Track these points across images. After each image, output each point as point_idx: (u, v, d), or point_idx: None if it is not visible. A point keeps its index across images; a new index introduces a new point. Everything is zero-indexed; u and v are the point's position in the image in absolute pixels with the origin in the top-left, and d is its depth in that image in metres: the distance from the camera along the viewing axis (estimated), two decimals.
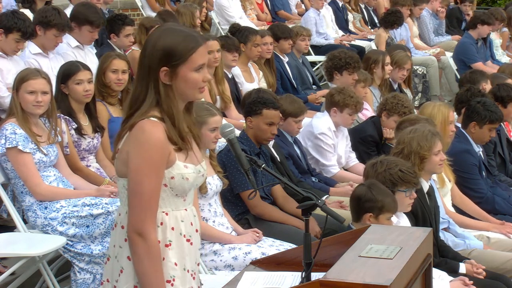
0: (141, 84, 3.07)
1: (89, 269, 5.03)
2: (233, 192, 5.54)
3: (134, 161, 3.00)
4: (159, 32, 3.11)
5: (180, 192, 3.11)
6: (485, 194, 6.42)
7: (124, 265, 3.08)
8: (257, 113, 5.77)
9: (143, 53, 3.09)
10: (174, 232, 3.11)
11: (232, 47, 8.00)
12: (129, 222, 3.03)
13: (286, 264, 3.52)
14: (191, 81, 3.06)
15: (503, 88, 7.53)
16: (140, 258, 3.01)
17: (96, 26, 7.23)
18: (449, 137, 6.30)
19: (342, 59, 8.17)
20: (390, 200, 4.67)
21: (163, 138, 3.01)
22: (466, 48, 11.19)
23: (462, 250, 5.59)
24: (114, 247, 3.14)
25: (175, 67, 3.03)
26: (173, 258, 3.10)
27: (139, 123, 3.01)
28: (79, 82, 5.58)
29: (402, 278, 3.00)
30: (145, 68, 3.06)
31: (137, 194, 3.00)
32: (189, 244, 3.16)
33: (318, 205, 3.19)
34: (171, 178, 3.06)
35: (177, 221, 3.12)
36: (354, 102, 6.87)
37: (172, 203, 3.11)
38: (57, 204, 5.10)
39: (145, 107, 3.04)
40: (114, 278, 3.13)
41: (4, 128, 5.12)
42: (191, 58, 3.05)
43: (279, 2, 13.03)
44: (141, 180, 2.99)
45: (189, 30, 3.17)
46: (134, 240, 3.01)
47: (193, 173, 3.11)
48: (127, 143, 3.05)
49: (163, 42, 3.04)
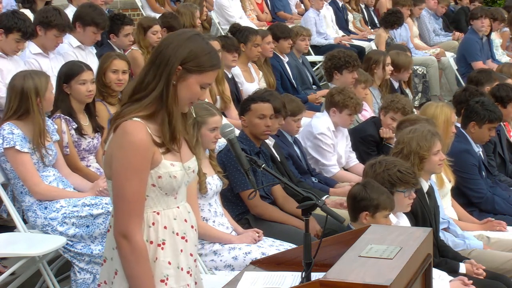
0: (153, 73, 3.05)
1: (89, 269, 5.03)
2: (233, 192, 5.54)
3: (116, 164, 3.01)
4: (190, 34, 3.10)
5: (170, 191, 3.11)
6: (485, 194, 6.42)
7: (118, 267, 3.08)
8: (247, 109, 5.80)
9: (164, 45, 3.07)
10: (166, 231, 3.11)
11: (232, 47, 8.00)
12: (114, 225, 3.04)
13: (286, 264, 3.51)
14: (192, 92, 3.07)
15: (502, 88, 7.53)
16: (126, 260, 3.01)
17: (101, 28, 7.26)
18: (450, 138, 6.29)
19: (341, 58, 8.18)
20: (385, 197, 4.67)
21: (145, 139, 3.00)
22: (470, 45, 11.18)
23: (462, 250, 5.59)
24: (109, 249, 3.15)
25: (188, 71, 3.04)
26: (166, 257, 3.10)
27: (122, 125, 3.00)
28: (83, 82, 5.58)
29: (402, 278, 3.00)
30: (162, 60, 3.04)
31: (120, 197, 3.01)
32: (184, 241, 3.16)
33: (318, 205, 3.19)
34: (158, 178, 3.05)
35: (169, 219, 3.12)
36: (354, 103, 6.87)
37: (163, 202, 3.11)
38: (57, 204, 5.10)
39: (150, 98, 3.03)
40: (110, 280, 3.13)
41: (2, 128, 5.12)
42: (206, 73, 3.07)
43: (279, 3, 13.04)
44: (123, 183, 2.99)
45: (214, 48, 3.17)
46: (120, 242, 3.01)
47: (180, 171, 3.10)
48: (111, 146, 3.05)
49: (193, 45, 3.05)
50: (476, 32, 11.31)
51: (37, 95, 5.12)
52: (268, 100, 5.84)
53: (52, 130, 5.34)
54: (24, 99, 5.12)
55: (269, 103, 5.83)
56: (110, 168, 3.05)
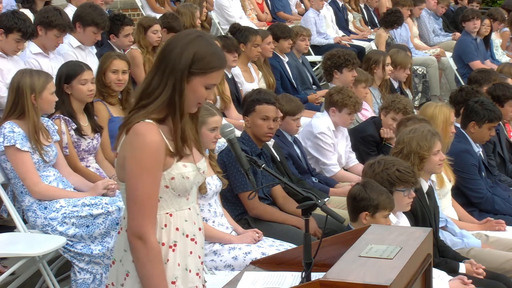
0: (159, 79, 3.04)
1: (89, 269, 5.03)
2: (233, 192, 5.54)
3: (129, 166, 3.00)
4: (193, 36, 3.08)
5: (182, 192, 3.11)
6: (485, 195, 6.42)
7: (129, 269, 3.08)
8: (251, 110, 5.80)
9: (168, 49, 3.06)
10: (178, 233, 3.11)
11: (232, 47, 8.00)
12: (128, 227, 3.04)
13: (286, 264, 3.52)
14: (198, 94, 3.06)
15: (499, 88, 7.54)
16: (141, 261, 3.02)
17: (102, 28, 7.26)
18: (449, 138, 6.29)
19: (340, 57, 8.18)
20: (385, 197, 4.67)
21: (158, 140, 3.00)
22: (465, 46, 11.20)
23: (460, 248, 5.59)
24: (119, 251, 3.14)
25: (192, 74, 3.03)
26: (177, 259, 3.10)
27: (134, 126, 3.00)
28: (84, 82, 5.59)
29: (402, 278, 3.00)
30: (167, 65, 3.03)
31: (134, 198, 3.01)
32: (194, 243, 3.16)
33: (318, 205, 3.19)
34: (171, 179, 3.06)
35: (181, 221, 3.13)
36: (353, 102, 6.87)
37: (176, 204, 3.12)
38: (57, 204, 5.10)
39: (156, 104, 3.02)
40: (119, 282, 3.13)
41: (3, 127, 5.12)
42: (211, 74, 3.06)
43: (279, 3, 13.04)
44: (136, 185, 2.99)
45: (219, 47, 3.16)
46: (134, 244, 3.01)
47: (193, 171, 3.11)
48: (124, 148, 3.05)
49: (197, 47, 3.03)
50: (469, 33, 11.31)
51: (32, 92, 5.12)
52: (272, 102, 5.85)
53: (53, 130, 5.35)
54: (19, 95, 5.14)
55: (273, 106, 5.83)
56: (123, 170, 3.05)
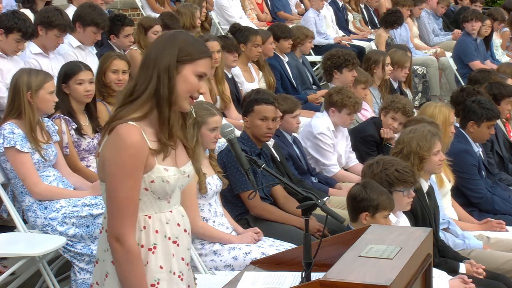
0: (144, 75, 3.05)
1: (89, 269, 5.03)
2: (233, 192, 5.54)
3: (109, 167, 2.99)
4: (172, 32, 3.15)
5: (162, 195, 3.08)
6: (484, 194, 6.43)
7: (109, 269, 3.07)
8: (250, 111, 5.81)
9: (150, 48, 3.10)
10: (158, 235, 3.08)
11: (233, 47, 8.00)
12: (108, 228, 3.03)
13: (286, 264, 3.52)
14: (189, 82, 3.05)
15: (495, 86, 7.59)
16: (120, 263, 3.01)
17: (101, 28, 7.26)
18: (449, 138, 6.29)
19: (340, 56, 8.19)
20: (385, 197, 4.67)
21: (139, 142, 2.98)
22: (465, 46, 11.21)
23: (462, 250, 5.59)
24: (101, 251, 3.14)
25: (181, 62, 3.04)
26: (158, 261, 3.08)
27: (117, 127, 2.99)
28: (81, 82, 5.59)
29: (402, 278, 3.00)
30: (150, 61, 3.05)
31: (113, 199, 2.99)
32: (176, 246, 3.13)
33: (318, 205, 3.19)
34: (151, 182, 3.03)
35: (161, 223, 3.09)
36: (352, 103, 6.87)
37: (155, 206, 3.09)
38: (57, 204, 5.11)
39: (142, 99, 3.02)
40: (102, 282, 3.12)
41: (3, 128, 5.12)
42: (198, 61, 3.06)
43: (279, 3, 13.04)
44: (116, 187, 2.98)
45: (200, 39, 3.21)
46: (113, 245, 3.00)
47: (174, 176, 3.07)
48: (105, 148, 3.04)
49: (180, 39, 3.07)
50: (469, 34, 11.32)
51: (28, 90, 5.12)
52: (271, 102, 5.85)
53: (53, 131, 5.35)
54: (16, 93, 5.15)
55: (272, 106, 5.83)
56: (104, 170, 3.04)
